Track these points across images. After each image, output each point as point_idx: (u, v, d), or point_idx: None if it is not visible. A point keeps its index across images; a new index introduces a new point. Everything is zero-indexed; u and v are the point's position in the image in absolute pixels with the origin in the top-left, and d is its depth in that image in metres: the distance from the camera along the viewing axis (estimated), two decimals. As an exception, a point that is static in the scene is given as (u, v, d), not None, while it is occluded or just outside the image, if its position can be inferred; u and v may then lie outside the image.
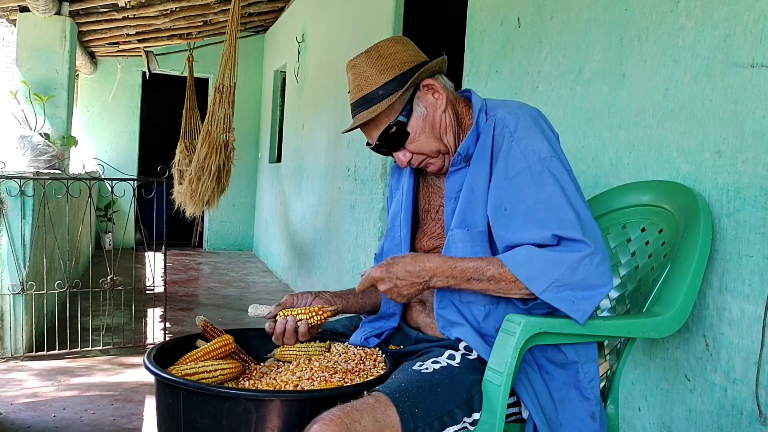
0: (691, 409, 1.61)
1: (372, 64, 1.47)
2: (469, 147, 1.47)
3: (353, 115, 1.52)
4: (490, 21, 2.74)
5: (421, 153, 1.51)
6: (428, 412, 1.25)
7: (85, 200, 4.20)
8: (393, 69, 1.46)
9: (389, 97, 1.44)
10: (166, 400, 1.36)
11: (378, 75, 1.46)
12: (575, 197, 1.37)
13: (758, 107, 1.46)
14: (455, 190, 1.49)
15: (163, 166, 4.25)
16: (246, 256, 8.66)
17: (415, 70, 1.47)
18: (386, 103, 1.44)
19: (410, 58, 1.48)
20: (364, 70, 1.48)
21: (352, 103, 1.52)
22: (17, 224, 3.61)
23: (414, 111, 1.48)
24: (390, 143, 1.50)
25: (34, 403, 2.97)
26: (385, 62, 1.47)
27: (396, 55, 1.48)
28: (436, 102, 1.50)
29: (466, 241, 1.44)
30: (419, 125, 1.48)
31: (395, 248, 1.62)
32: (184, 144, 6.42)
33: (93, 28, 6.21)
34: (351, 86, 1.51)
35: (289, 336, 1.53)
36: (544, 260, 1.31)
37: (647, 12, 1.84)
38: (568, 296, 1.30)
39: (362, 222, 4.32)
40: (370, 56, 1.49)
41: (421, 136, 1.48)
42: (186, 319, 4.76)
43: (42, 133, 4.76)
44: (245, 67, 7.53)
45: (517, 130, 1.41)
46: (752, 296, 1.45)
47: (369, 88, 1.47)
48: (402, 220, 1.61)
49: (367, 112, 1.46)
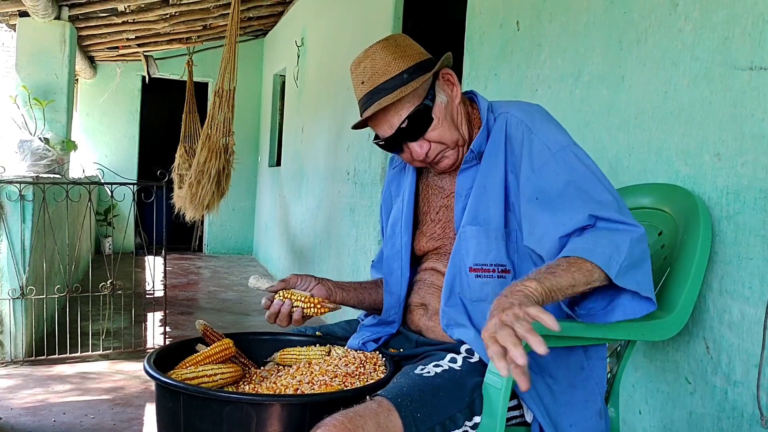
0: (691, 411, 1.61)
1: (391, 51, 1.46)
2: (481, 144, 1.48)
3: (369, 103, 1.46)
4: (489, 24, 2.74)
5: (440, 142, 1.48)
6: (430, 416, 1.25)
7: (85, 204, 4.20)
8: (413, 56, 1.46)
9: (416, 80, 1.43)
10: (166, 405, 1.36)
11: (400, 60, 1.45)
12: (603, 178, 1.38)
13: (757, 109, 1.46)
14: (466, 188, 1.49)
15: (163, 170, 4.25)
16: (246, 260, 8.66)
17: (431, 60, 1.48)
18: (414, 85, 1.42)
19: (423, 51, 1.50)
20: (383, 56, 1.45)
21: (369, 91, 1.46)
22: (17, 229, 3.61)
23: (437, 97, 1.48)
24: (412, 130, 1.46)
25: (35, 408, 2.97)
26: (403, 51, 1.46)
27: (412, 46, 1.49)
28: (452, 93, 1.50)
29: (481, 237, 1.43)
30: (442, 112, 1.47)
31: (395, 255, 1.61)
32: (183, 148, 6.43)
33: (92, 32, 6.22)
34: (367, 75, 1.47)
35: (281, 318, 1.54)
36: (608, 240, 1.26)
37: (646, 15, 1.84)
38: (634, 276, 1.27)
39: (362, 225, 4.32)
40: (388, 44, 1.47)
41: (444, 123, 1.47)
42: (186, 323, 4.76)
43: (42, 137, 4.77)
44: (245, 71, 7.53)
45: (534, 124, 1.44)
46: (752, 299, 1.45)
47: (391, 72, 1.44)
48: (403, 227, 1.61)
49: (392, 96, 1.42)
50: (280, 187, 7.29)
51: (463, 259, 1.45)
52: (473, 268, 1.44)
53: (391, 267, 1.63)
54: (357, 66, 1.50)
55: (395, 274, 1.61)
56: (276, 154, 8.09)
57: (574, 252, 1.26)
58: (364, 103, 1.48)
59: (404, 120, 1.45)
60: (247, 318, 5.11)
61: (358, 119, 1.52)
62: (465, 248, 1.45)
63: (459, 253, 1.46)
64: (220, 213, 5.66)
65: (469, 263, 1.44)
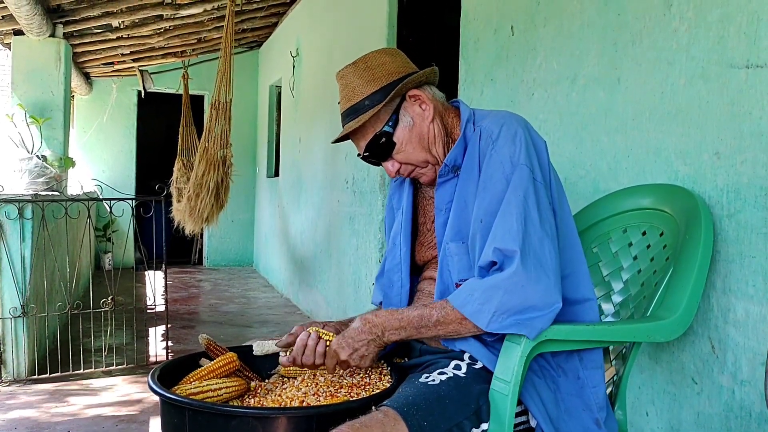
0: (699, 412, 1.60)
1: (359, 75, 1.49)
2: (456, 158, 1.46)
3: (342, 124, 1.53)
4: (484, 30, 2.75)
5: (408, 163, 1.51)
6: (437, 424, 1.24)
7: (84, 221, 4.20)
8: (379, 80, 1.47)
9: (375, 107, 1.45)
10: (171, 421, 1.35)
11: (364, 86, 1.47)
12: (532, 208, 1.33)
13: (755, 107, 1.46)
14: (445, 201, 1.48)
15: (161, 184, 4.25)
16: (246, 271, 8.64)
17: (400, 80, 1.47)
18: (371, 113, 1.45)
19: (397, 69, 1.49)
20: (351, 80, 1.50)
21: (341, 113, 1.54)
22: (17, 247, 3.60)
23: (400, 121, 1.48)
24: (377, 153, 1.51)
25: (38, 427, 2.95)
26: (372, 73, 1.48)
27: (383, 66, 1.49)
28: (423, 113, 1.50)
29: (462, 254, 1.43)
30: (405, 135, 1.48)
31: (396, 267, 1.62)
32: (181, 161, 6.42)
33: (87, 49, 6.23)
34: (340, 96, 1.53)
35: (309, 354, 1.42)
36: (482, 291, 1.29)
37: (640, 16, 1.85)
38: (513, 322, 1.27)
39: (362, 234, 4.31)
40: (357, 67, 1.50)
41: (408, 146, 1.49)
42: (188, 337, 4.74)
43: (39, 155, 4.77)
44: (241, 83, 7.55)
45: (498, 138, 1.40)
46: (756, 297, 1.45)
47: (356, 98, 1.48)
48: (402, 239, 1.61)
49: (354, 122, 1.47)
50: (278, 197, 7.29)
51: (450, 275, 1.45)
52: (459, 284, 1.43)
53: (391, 279, 1.63)
54: (338, 81, 1.55)
55: (395, 286, 1.62)
56: (274, 164, 8.09)
57: (452, 297, 1.34)
58: (342, 122, 1.54)
59: (367, 144, 1.50)
60: (249, 330, 5.09)
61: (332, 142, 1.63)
62: (450, 265, 1.44)
63: (446, 270, 1.46)
64: (220, 225, 5.65)
65: (455, 279, 1.44)
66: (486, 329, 1.29)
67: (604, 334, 1.39)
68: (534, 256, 1.29)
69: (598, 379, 1.43)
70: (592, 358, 1.43)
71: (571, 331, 1.33)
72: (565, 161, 2.14)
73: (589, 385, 1.41)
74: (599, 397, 1.42)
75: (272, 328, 5.14)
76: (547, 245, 1.32)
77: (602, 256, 1.75)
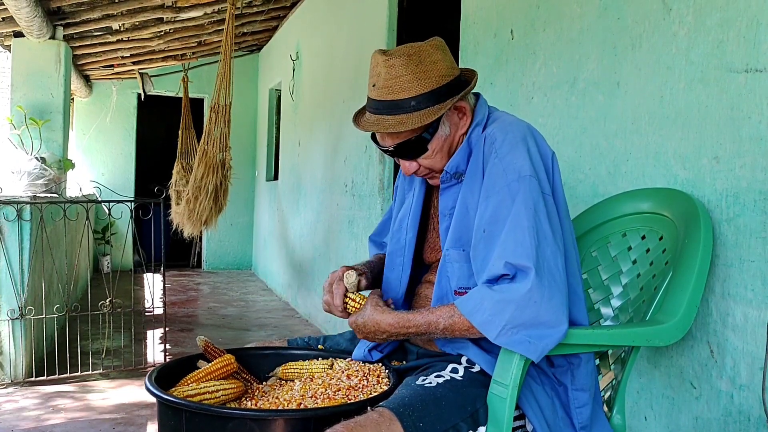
0: (697, 416, 1.60)
1: (411, 69, 1.39)
2: (459, 164, 1.45)
3: (374, 112, 1.44)
4: (484, 34, 2.75)
5: (430, 168, 1.49)
6: (433, 426, 1.24)
7: (83, 223, 4.19)
8: (430, 81, 1.39)
9: (422, 111, 1.39)
10: (168, 423, 1.34)
11: (415, 83, 1.39)
12: (543, 221, 1.31)
13: (754, 112, 1.46)
14: (449, 207, 1.47)
15: (160, 187, 4.24)
16: (245, 275, 8.63)
17: (452, 85, 1.41)
18: (417, 117, 1.38)
19: (448, 71, 1.42)
20: (399, 72, 1.39)
21: (377, 100, 1.43)
22: (15, 249, 3.59)
23: (439, 129, 1.44)
24: (404, 153, 1.46)
25: (36, 429, 2.94)
26: (424, 71, 1.39)
27: (436, 65, 1.41)
28: (459, 122, 1.47)
29: (462, 262, 1.42)
30: (439, 144, 1.45)
31: (399, 251, 1.60)
32: (180, 164, 6.43)
33: (87, 51, 6.24)
34: (380, 83, 1.42)
35: (335, 311, 1.53)
36: (494, 302, 1.27)
37: (640, 20, 1.85)
38: (523, 338, 1.26)
39: (361, 237, 4.31)
40: (411, 59, 1.40)
41: (438, 154, 1.46)
42: (186, 340, 4.73)
43: (38, 157, 4.76)
44: (240, 86, 7.57)
45: (502, 146, 1.38)
46: (755, 301, 1.44)
47: (401, 94, 1.39)
48: (410, 222, 1.58)
49: (394, 120, 1.40)
50: (278, 201, 7.29)
51: (449, 281, 1.45)
52: (458, 291, 1.43)
53: (393, 262, 1.61)
54: (376, 65, 1.44)
55: (396, 270, 1.60)
56: (273, 168, 8.09)
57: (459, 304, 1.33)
58: (370, 106, 1.46)
59: (398, 143, 1.45)
60: (247, 333, 5.09)
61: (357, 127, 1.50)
62: (450, 271, 1.44)
63: (445, 276, 1.46)
64: (219, 228, 5.65)
65: (454, 286, 1.44)
66: (494, 341, 1.28)
67: (602, 338, 1.38)
68: (548, 272, 1.28)
69: (584, 400, 1.42)
70: (582, 382, 1.42)
71: (570, 334, 1.33)
72: (564, 165, 2.14)
73: (575, 405, 1.41)
74: (583, 417, 1.41)
75: (270, 332, 5.14)
76: (559, 260, 1.31)
77: (601, 260, 1.74)
